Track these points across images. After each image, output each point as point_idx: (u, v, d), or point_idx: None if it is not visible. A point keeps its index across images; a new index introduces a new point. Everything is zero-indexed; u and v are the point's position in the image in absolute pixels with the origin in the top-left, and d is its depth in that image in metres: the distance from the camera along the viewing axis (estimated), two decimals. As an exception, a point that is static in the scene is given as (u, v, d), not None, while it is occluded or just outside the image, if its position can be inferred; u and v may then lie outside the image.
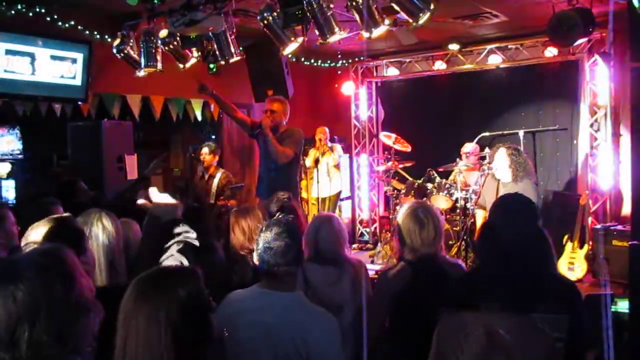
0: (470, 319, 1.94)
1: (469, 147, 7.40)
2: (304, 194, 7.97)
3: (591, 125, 7.26)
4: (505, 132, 7.73)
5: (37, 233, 2.35)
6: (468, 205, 6.85)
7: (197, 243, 3.08)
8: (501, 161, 5.21)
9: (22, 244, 2.52)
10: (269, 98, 5.76)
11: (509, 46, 7.95)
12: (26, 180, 6.04)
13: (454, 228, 7.13)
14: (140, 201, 3.73)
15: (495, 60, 8.01)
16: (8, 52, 5.16)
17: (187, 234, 3.10)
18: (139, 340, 1.56)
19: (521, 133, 7.44)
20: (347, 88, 9.16)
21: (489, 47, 8.00)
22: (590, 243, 6.70)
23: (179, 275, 1.70)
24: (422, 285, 2.88)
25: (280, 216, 2.63)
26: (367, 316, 2.98)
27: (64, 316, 1.26)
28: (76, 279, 1.31)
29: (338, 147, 8.43)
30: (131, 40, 5.63)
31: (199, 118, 7.63)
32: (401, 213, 3.07)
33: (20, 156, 6.29)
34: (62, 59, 5.65)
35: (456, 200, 7.00)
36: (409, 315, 2.83)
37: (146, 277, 1.69)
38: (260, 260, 2.50)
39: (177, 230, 3.10)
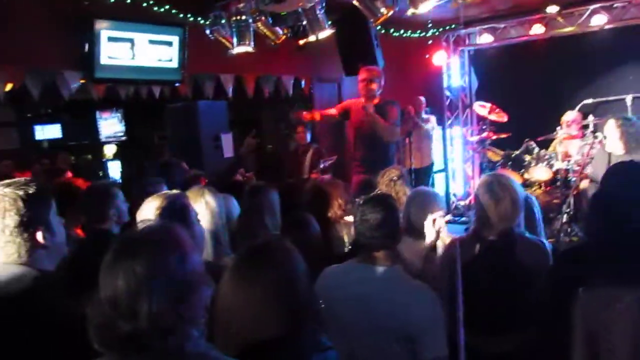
0: (616, 293, 1.86)
1: (571, 115, 7.07)
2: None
3: None
4: (611, 98, 7.31)
5: (149, 209, 2.47)
6: (570, 176, 6.58)
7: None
8: (611, 133, 4.93)
9: (137, 220, 2.65)
10: (365, 67, 5.74)
11: (615, 5, 7.42)
12: (130, 160, 6.36)
13: (554, 201, 6.82)
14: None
15: (599, 21, 7.48)
16: (110, 39, 5.41)
17: None
18: (236, 315, 1.65)
19: (629, 99, 7.00)
20: (439, 58, 8.92)
21: (591, 7, 7.49)
22: None
23: (276, 250, 1.75)
24: (486, 262, 2.81)
25: (379, 191, 2.65)
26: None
27: (179, 289, 1.33)
28: (189, 253, 1.38)
29: (432, 119, 8.31)
30: (223, 21, 5.75)
31: (290, 94, 7.71)
32: (477, 186, 3.01)
33: (123, 138, 6.64)
34: (159, 42, 5.86)
35: (557, 172, 6.76)
36: (468, 291, 2.74)
37: (244, 254, 1.77)
38: (357, 232, 2.53)
39: None
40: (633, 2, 7.28)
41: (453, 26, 8.80)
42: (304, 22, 5.68)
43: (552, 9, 7.62)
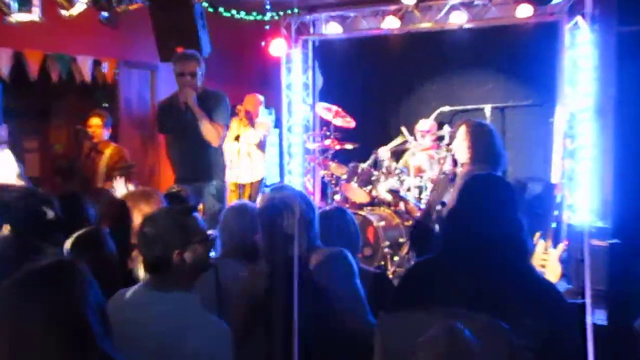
0: (425, 318, 2.04)
1: (425, 124, 7.54)
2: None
3: (570, 100, 7.45)
4: (469, 107, 7.88)
5: None
6: (422, 194, 6.96)
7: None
8: (459, 140, 5.32)
9: None
10: (181, 57, 5.67)
11: (476, 2, 8.07)
12: None
13: (405, 222, 7.13)
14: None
15: (459, 19, 8.11)
16: None
17: None
18: (8, 347, 1.67)
19: (487, 109, 7.60)
20: (277, 48, 9.02)
21: (451, 2, 8.09)
22: (566, 242, 6.93)
23: (60, 272, 1.80)
24: (278, 291, 2.90)
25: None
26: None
27: None
28: None
29: (267, 122, 8.35)
30: (0, -22, 5.45)
31: (88, 80, 7.47)
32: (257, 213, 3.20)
33: None
34: None
35: (408, 189, 7.09)
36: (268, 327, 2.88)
37: (19, 277, 1.78)
38: (138, 248, 2.63)
39: None
40: (494, 1, 7.98)
41: (295, 11, 9.01)
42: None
43: (409, 0, 8.08)
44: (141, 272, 3.55)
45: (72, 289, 1.78)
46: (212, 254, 3.38)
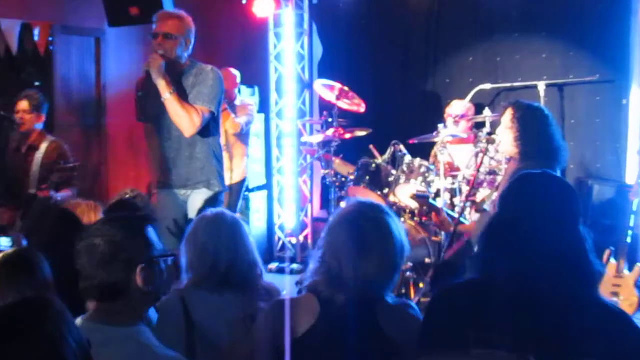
0: None
1: (459, 107, 7.57)
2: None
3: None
4: (517, 84, 7.90)
5: None
6: (456, 200, 6.96)
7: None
8: (504, 129, 5.35)
9: None
10: (161, 14, 5.48)
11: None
12: None
13: (434, 237, 7.08)
14: None
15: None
16: None
17: None
18: None
19: (541, 86, 7.60)
20: (263, 7, 8.97)
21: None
22: (645, 262, 6.95)
23: (26, 316, 1.85)
24: (334, 336, 2.89)
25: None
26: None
27: None
28: None
29: (249, 105, 8.26)
30: None
31: (14, 51, 7.52)
32: (334, 221, 3.08)
33: None
34: None
35: (437, 193, 7.05)
36: None
37: None
38: (80, 269, 2.66)
39: None
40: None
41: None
42: None
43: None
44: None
45: (47, 332, 1.81)
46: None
